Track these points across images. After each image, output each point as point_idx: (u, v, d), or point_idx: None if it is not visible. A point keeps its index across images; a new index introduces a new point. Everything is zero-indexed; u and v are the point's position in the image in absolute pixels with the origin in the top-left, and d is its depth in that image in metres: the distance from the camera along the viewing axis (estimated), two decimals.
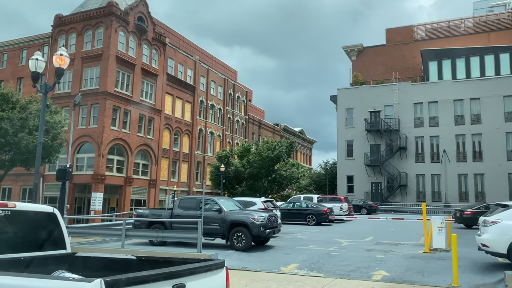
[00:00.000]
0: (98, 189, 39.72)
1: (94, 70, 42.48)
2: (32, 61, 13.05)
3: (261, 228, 13.66)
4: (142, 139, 45.33)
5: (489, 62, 44.35)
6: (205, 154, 56.28)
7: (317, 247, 14.79)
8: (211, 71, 58.94)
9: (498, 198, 39.35)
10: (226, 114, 61.82)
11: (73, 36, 44.61)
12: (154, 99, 47.49)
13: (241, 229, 13.77)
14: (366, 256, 12.92)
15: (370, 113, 46.53)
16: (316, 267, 11.20)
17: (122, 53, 43.13)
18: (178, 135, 51.79)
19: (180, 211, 14.95)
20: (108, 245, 15.52)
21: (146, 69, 46.17)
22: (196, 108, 54.93)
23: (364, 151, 46.14)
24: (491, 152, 41.47)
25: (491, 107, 41.99)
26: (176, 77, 51.29)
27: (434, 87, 44.78)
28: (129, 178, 43.38)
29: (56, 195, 42.20)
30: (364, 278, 9.91)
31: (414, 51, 52.44)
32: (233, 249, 13.70)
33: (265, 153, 36.89)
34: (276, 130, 76.59)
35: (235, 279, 9.92)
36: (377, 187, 45.78)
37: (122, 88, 43.26)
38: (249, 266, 11.35)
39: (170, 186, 49.44)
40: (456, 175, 42.59)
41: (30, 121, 25.84)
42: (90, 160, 40.89)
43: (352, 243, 15.98)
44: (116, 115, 42.33)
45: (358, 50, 55.85)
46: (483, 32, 50.59)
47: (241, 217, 13.95)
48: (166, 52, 49.66)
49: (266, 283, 9.46)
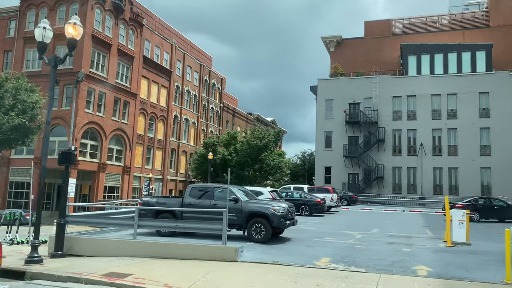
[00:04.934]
0: (70, 175, 37.54)
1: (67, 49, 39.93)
2: (38, 29, 11.69)
3: (282, 219, 13.00)
4: (117, 123, 43.43)
5: (466, 59, 45.40)
6: (179, 141, 54.84)
7: (334, 240, 14.33)
8: (188, 56, 57.28)
9: (471, 192, 40.59)
10: (201, 101, 60.42)
11: (44, 12, 41.85)
12: (129, 82, 45.54)
13: (260, 220, 13.05)
14: (392, 250, 12.56)
15: (349, 105, 46.67)
16: (350, 261, 10.68)
17: (98, 32, 40.90)
18: (153, 120, 50.09)
19: (192, 200, 14.03)
20: (110, 235, 14.38)
21: (122, 50, 44.09)
22: (172, 94, 53.29)
23: (342, 142, 46.31)
24: (465, 146, 42.64)
25: (467, 103, 43.08)
26: (152, 60, 49.40)
27: (413, 81, 45.43)
28: (103, 164, 41.51)
29: (23, 180, 39.78)
30: (409, 274, 9.48)
31: (391, 45, 52.92)
32: (251, 241, 12.98)
33: (253, 141, 36.11)
34: (249, 119, 75.86)
35: (276, 274, 9.25)
36: (354, 178, 46.16)
37: (97, 69, 41.12)
38: (280, 260, 10.69)
39: (144, 173, 47.85)
40: (431, 168, 43.57)
41: (6, 99, 23.81)
42: (61, 144, 38.63)
43: (365, 236, 15.64)
44: (91, 97, 40.23)
45: (337, 42, 55.78)
46: (458, 30, 51.71)
47: (260, 207, 13.22)
48: (142, 34, 47.65)
49: (314, 279, 8.83)
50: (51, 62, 11.54)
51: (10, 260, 11.92)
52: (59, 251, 12.23)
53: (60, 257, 12.01)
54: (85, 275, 9.21)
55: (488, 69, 44.49)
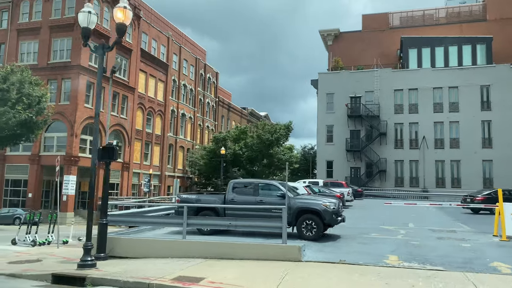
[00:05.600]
0: (71, 171, 36.52)
1: (64, 41, 38.70)
2: (83, 14, 10.86)
3: (333, 215, 12.46)
4: (116, 118, 42.28)
5: (466, 52, 45.54)
6: (177, 137, 53.85)
7: (381, 236, 13.87)
8: (184, 49, 56.20)
9: (473, 184, 40.87)
10: (197, 95, 59.42)
11: (39, 2, 40.34)
12: (128, 76, 44.35)
13: (311, 216, 12.47)
14: (450, 245, 12.14)
15: (350, 98, 46.37)
16: (421, 259, 10.18)
17: (96, 24, 39.48)
18: (151, 115, 49.00)
19: (235, 196, 13.38)
20: (146, 234, 13.63)
21: (121, 43, 42.75)
22: (169, 88, 52.20)
23: (344, 136, 46.01)
24: (467, 139, 42.80)
25: (468, 96, 43.22)
26: (149, 53, 48.24)
27: (414, 74, 45.36)
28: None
29: (20, 177, 38.43)
30: (492, 272, 9.05)
31: (389, 38, 52.80)
32: (301, 239, 12.40)
33: (265, 136, 35.38)
34: (244, 114, 75.10)
35: (357, 275, 8.71)
36: (356, 172, 45.98)
37: (96, 63, 39.76)
38: (347, 259, 10.17)
39: (143, 169, 46.81)
40: (433, 161, 43.64)
41: (11, 93, 22.57)
42: (60, 140, 37.44)
43: (408, 231, 15.21)
44: (90, 92, 38.98)
45: (335, 35, 55.40)
46: (456, 23, 51.88)
47: (311, 203, 12.65)
48: (140, 26, 46.43)
49: (403, 280, 8.32)
50: (99, 50, 10.71)
51: (51, 264, 11.12)
52: (102, 253, 11.45)
53: (103, 260, 11.23)
54: (153, 279, 8.50)
55: (488, 62, 44.72)
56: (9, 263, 11.41)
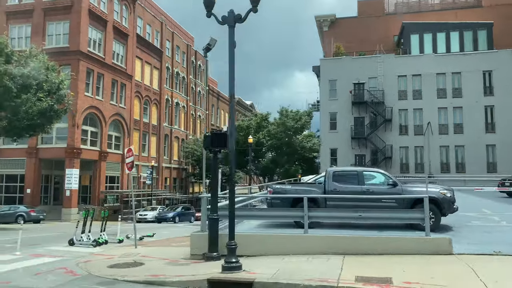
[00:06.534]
0: (73, 164, 34.18)
1: (61, 25, 35.98)
2: None
3: (451, 204, 11.60)
4: (115, 107, 40.02)
5: (468, 37, 45.79)
6: (172, 127, 51.86)
7: (483, 224, 13.18)
8: (176, 36, 54.00)
9: (477, 169, 41.36)
10: (189, 83, 57.40)
11: None
12: (125, 63, 42.00)
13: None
14: None
15: (354, 85, 45.74)
16: None
17: (94, 6, 37.03)
18: (147, 105, 46.81)
19: (337, 185, 12.24)
20: (242, 227, 12.29)
21: (118, 28, 40.42)
22: (163, 75, 50.00)
23: (348, 123, 45.44)
24: (470, 124, 43.15)
25: (471, 81, 43.48)
26: (144, 39, 45.91)
27: (417, 60, 45.20)
28: (104, 152, 38.18)
29: (16, 172, 35.72)
30: None
31: (385, 24, 52.57)
32: (417, 229, 11.46)
33: (289, 123, 34.03)
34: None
35: None
36: (361, 159, 45.60)
37: (94, 48, 37.35)
38: (488, 250, 9.36)
39: (142, 161, 44.72)
40: (438, 147, 43.82)
41: (32, 79, 20.33)
42: (60, 131, 34.90)
43: (494, 218, 14.59)
44: (90, 80, 36.55)
45: (331, 21, 54.63)
46: (450, 9, 52.19)
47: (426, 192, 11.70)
48: (135, 10, 43.97)
49: None
50: (229, 20, 9.12)
51: (160, 266, 9.68)
52: (214, 253, 10.11)
53: (217, 260, 9.89)
54: (332, 282, 7.29)
55: (489, 47, 45.13)
56: (109, 267, 9.87)
